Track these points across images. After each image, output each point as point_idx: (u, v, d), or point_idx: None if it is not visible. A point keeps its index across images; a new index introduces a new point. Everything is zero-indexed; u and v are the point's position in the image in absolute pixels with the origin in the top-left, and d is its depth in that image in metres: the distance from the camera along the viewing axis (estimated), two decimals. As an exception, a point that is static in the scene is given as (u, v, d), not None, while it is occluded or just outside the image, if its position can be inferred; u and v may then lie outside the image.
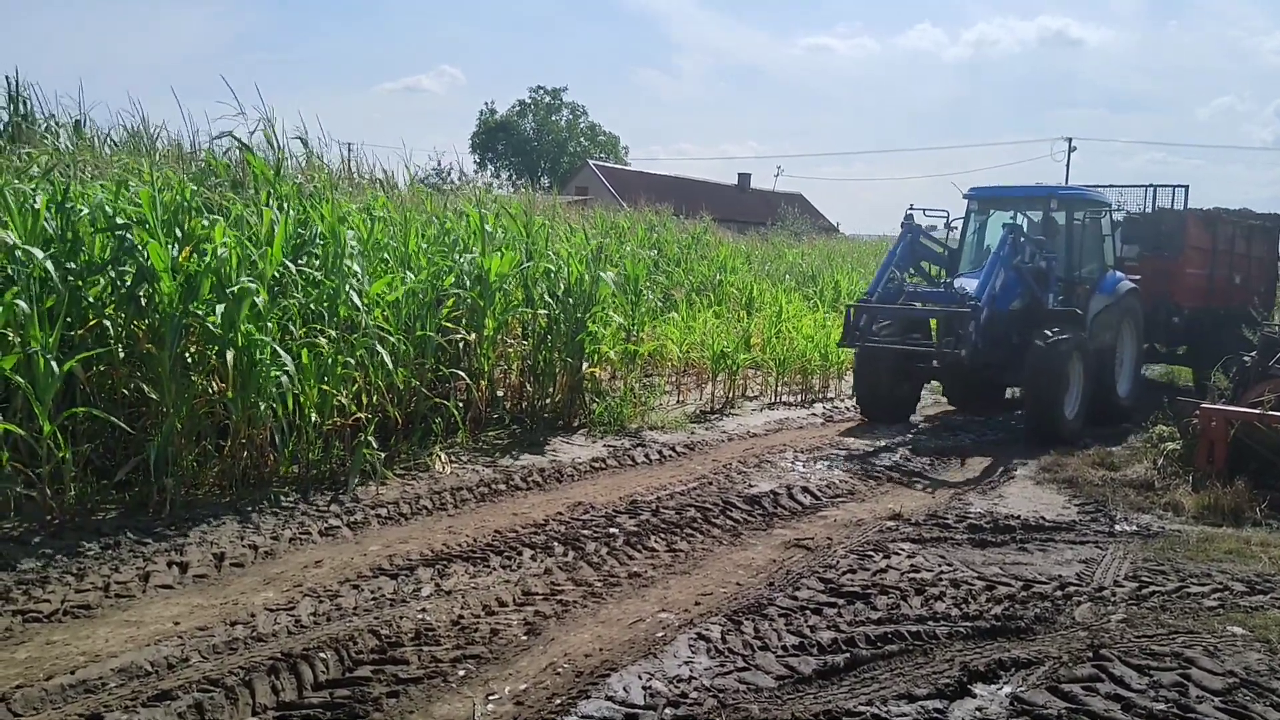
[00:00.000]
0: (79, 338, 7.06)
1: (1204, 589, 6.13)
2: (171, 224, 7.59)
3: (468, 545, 6.63)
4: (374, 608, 5.46)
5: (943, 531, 7.32)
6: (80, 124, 10.59)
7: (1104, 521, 7.81)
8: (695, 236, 22.08)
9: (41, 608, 5.30)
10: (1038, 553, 6.91)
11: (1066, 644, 5.19)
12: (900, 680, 4.72)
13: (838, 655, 4.94)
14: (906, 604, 5.71)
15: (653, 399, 12.11)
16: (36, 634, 5.02)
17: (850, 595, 5.82)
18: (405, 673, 4.65)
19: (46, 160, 8.80)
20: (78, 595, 5.49)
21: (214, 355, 7.46)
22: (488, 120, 74.98)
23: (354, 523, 7.12)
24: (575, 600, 5.68)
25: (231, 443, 7.60)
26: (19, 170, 8.17)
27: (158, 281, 7.18)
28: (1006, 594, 5.94)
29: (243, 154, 9.45)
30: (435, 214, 11.54)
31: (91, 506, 6.84)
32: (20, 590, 5.52)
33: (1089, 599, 5.91)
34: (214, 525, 6.80)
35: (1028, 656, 5.00)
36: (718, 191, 55.19)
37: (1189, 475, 8.81)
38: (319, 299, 8.36)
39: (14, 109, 10.39)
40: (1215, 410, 8.97)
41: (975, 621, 5.45)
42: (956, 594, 5.90)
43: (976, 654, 5.02)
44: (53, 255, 6.94)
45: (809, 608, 5.60)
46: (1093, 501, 8.48)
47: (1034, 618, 5.53)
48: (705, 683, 4.61)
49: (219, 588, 5.79)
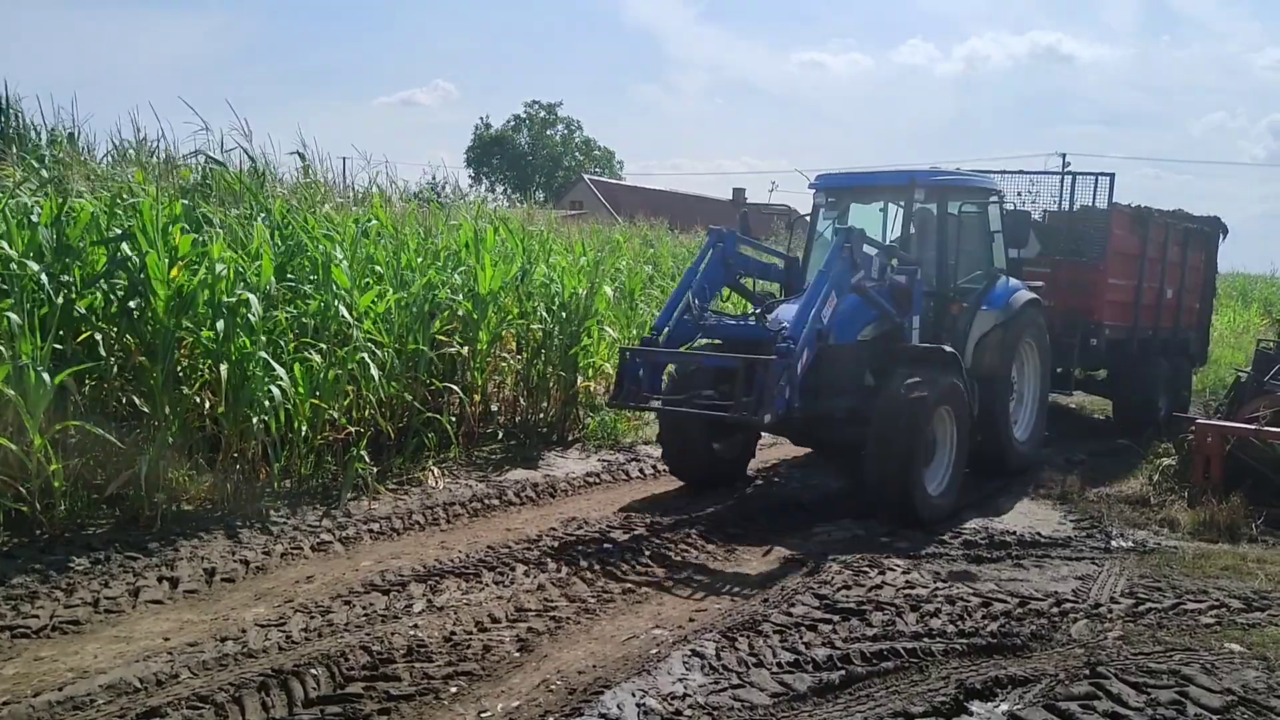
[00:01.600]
0: (71, 350, 7.02)
1: (1201, 606, 6.10)
2: (165, 237, 7.56)
3: (460, 560, 6.59)
4: (366, 623, 5.41)
5: (939, 548, 7.30)
6: (74, 136, 10.57)
7: (1100, 537, 7.78)
8: (691, 250, 22.08)
9: (30, 623, 5.25)
10: (1034, 569, 6.88)
11: (1063, 661, 5.16)
12: (896, 698, 4.68)
13: (833, 673, 4.91)
14: (902, 620, 5.67)
15: (647, 413, 12.07)
16: (25, 649, 4.97)
17: (846, 611, 5.79)
18: (397, 689, 4.61)
19: (44, 173, 8.77)
20: (67, 610, 5.44)
21: (207, 369, 7.43)
22: (483, 134, 75.16)
23: (346, 538, 7.07)
24: (568, 616, 5.64)
25: (223, 457, 7.57)
26: (16, 183, 8.14)
27: (152, 294, 7.16)
28: (1003, 610, 5.91)
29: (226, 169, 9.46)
30: (430, 227, 11.52)
31: (81, 521, 6.79)
32: (9, 605, 5.46)
33: (1085, 616, 5.88)
34: (205, 540, 6.75)
35: (1024, 674, 4.96)
36: (712, 206, 55.27)
37: (1185, 491, 8.79)
38: (310, 312, 8.33)
39: (4, 120, 10.37)
40: (1211, 426, 8.96)
41: (971, 639, 5.42)
42: (952, 610, 5.87)
43: (973, 671, 4.99)
44: (47, 267, 6.91)
45: (804, 624, 5.57)
46: (1089, 517, 8.45)
47: (1030, 635, 5.50)
48: (700, 700, 4.58)
49: (210, 603, 5.74)
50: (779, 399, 7.25)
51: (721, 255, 8.97)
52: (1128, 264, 12.44)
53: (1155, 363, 13.08)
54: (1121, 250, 12.21)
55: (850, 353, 8.42)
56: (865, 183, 10.19)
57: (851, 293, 8.19)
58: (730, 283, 9.42)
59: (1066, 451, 11.25)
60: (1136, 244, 12.48)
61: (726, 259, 9.05)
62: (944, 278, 9.33)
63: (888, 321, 8.64)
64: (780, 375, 7.24)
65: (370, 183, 12.00)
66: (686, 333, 8.47)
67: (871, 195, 10.13)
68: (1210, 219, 14.64)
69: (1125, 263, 12.37)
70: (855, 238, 8.16)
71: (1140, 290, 12.64)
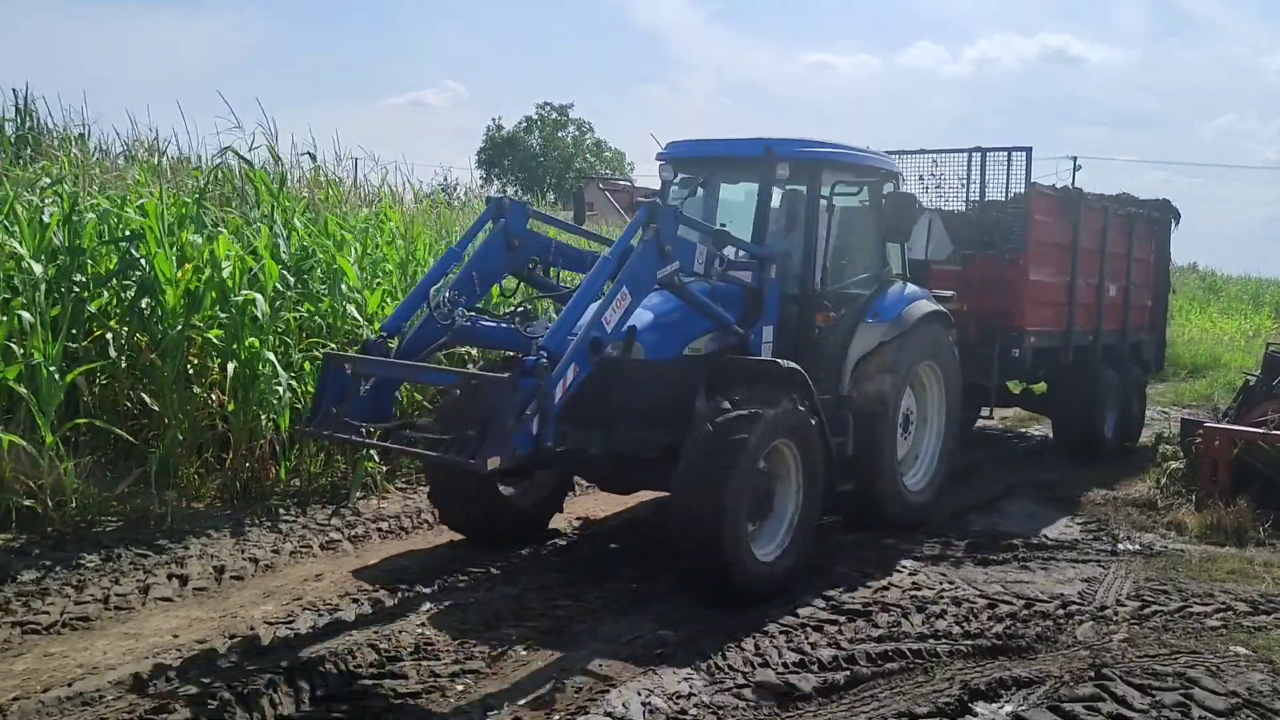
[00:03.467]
0: (82, 349, 7.08)
1: (1207, 609, 6.10)
2: (175, 237, 7.62)
3: (469, 559, 6.62)
4: (374, 622, 5.44)
5: (945, 550, 7.30)
6: (85, 136, 10.66)
7: (1106, 540, 7.78)
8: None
9: (40, 619, 5.29)
10: (1039, 571, 6.88)
11: (1068, 663, 5.17)
12: (901, 699, 4.70)
13: (838, 673, 4.92)
14: (908, 621, 5.68)
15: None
16: (35, 645, 5.01)
17: (852, 612, 5.80)
18: (404, 687, 4.63)
19: (56, 172, 8.84)
20: (77, 607, 5.48)
21: (216, 367, 7.47)
22: (494, 136, 75.28)
23: (355, 536, 7.11)
24: (573, 617, 5.67)
25: (233, 455, 7.61)
26: (29, 182, 8.21)
27: (161, 294, 7.21)
28: (1008, 612, 5.91)
29: (243, 168, 9.50)
30: (444, 227, 11.58)
31: (92, 518, 6.84)
32: (19, 602, 5.51)
33: (1091, 618, 5.88)
34: (214, 538, 6.79)
35: (1029, 676, 4.97)
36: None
37: (1192, 494, 8.77)
38: (321, 312, 8.38)
39: (21, 121, 10.47)
40: (1219, 429, 8.94)
41: (976, 640, 5.43)
42: (958, 612, 5.87)
43: (977, 673, 5.00)
44: (58, 267, 6.97)
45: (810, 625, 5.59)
46: (1095, 520, 8.44)
47: (1036, 636, 5.51)
48: (704, 699, 4.60)
49: (219, 600, 5.78)
50: (519, 434, 4.98)
51: (504, 233, 6.45)
52: (1056, 257, 10.52)
53: (1098, 373, 11.12)
54: (1046, 240, 10.32)
55: (669, 372, 6.37)
56: (719, 152, 7.64)
57: (661, 289, 6.15)
58: (518, 271, 6.77)
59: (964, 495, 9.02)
60: (1066, 232, 10.59)
61: (511, 238, 6.48)
62: (813, 279, 7.20)
63: (732, 334, 6.66)
64: (521, 401, 4.98)
65: (382, 182, 12.08)
66: (431, 336, 6.09)
67: (734, 171, 7.78)
68: (1159, 202, 12.74)
69: (1052, 255, 10.47)
70: (666, 216, 5.94)
71: (1074, 288, 10.71)
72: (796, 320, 7.16)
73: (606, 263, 5.81)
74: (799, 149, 7.15)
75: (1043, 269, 10.27)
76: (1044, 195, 10.44)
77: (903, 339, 7.53)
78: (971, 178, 10.79)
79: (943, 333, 8.13)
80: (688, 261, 6.16)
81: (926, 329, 7.80)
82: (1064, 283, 10.64)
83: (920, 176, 11.03)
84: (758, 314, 6.82)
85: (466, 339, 6.73)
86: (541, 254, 6.82)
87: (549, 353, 5.18)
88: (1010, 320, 10.03)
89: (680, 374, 6.42)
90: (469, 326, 6.29)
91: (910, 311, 7.68)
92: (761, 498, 6.05)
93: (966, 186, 10.78)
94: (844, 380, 7.33)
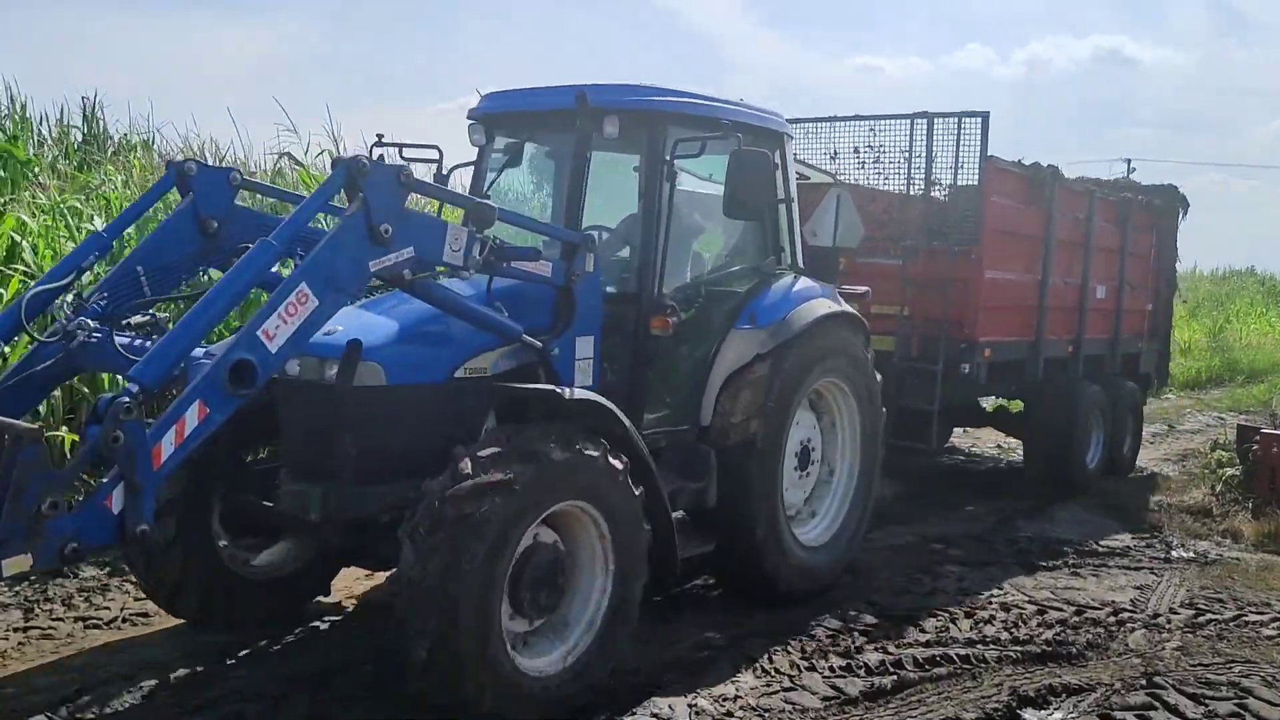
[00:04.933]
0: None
1: (1263, 618, 6.00)
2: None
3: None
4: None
5: (993, 555, 7.23)
6: (149, 142, 10.91)
7: (1160, 547, 7.66)
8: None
9: (101, 614, 5.43)
10: (1090, 578, 6.80)
11: (1119, 671, 5.11)
12: (948, 704, 4.67)
13: (885, 677, 4.90)
14: (955, 627, 5.65)
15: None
16: (96, 639, 5.13)
17: (898, 618, 5.77)
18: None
19: (121, 179, 9.06)
20: (136, 603, 5.61)
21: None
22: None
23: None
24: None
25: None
26: (93, 189, 8.43)
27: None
28: (1058, 619, 5.85)
29: (299, 172, 9.66)
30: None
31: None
32: (81, 597, 5.66)
33: (1143, 626, 5.81)
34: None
35: (1079, 683, 4.93)
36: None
37: (1249, 502, 8.63)
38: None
39: (88, 128, 10.75)
40: (1277, 436, 8.78)
41: (1026, 646, 5.39)
42: (1007, 618, 5.83)
43: (1026, 679, 4.96)
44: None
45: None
46: (1148, 527, 8.32)
47: (1086, 644, 5.45)
48: (751, 702, 4.60)
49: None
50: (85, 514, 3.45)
51: (193, 211, 4.89)
52: (1021, 250, 8.79)
53: (1078, 390, 9.39)
54: (1007, 229, 8.54)
55: (432, 402, 4.60)
56: (531, 105, 5.77)
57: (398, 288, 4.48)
58: (224, 263, 4.88)
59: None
60: (1035, 220, 8.84)
61: (205, 218, 4.90)
62: (652, 271, 5.40)
63: (530, 350, 4.78)
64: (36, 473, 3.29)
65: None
66: (44, 358, 4.49)
67: (553, 133, 6.04)
68: (1163, 188, 11.03)
69: (1016, 248, 8.72)
70: (378, 181, 4.12)
71: (1045, 288, 9.01)
72: (636, 329, 5.38)
73: (266, 248, 4.00)
74: (629, 98, 5.39)
75: (1002, 265, 8.52)
76: (1004, 172, 8.48)
77: (788, 349, 5.65)
78: (915, 150, 8.63)
79: (851, 340, 6.20)
80: (431, 247, 4.35)
81: (826, 336, 5.93)
82: (1032, 282, 8.94)
83: (856, 149, 9.05)
84: (567, 319, 4.97)
85: (95, 362, 4.72)
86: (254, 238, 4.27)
87: (142, 386, 3.53)
88: (960, 329, 8.36)
89: (451, 404, 4.64)
90: (96, 344, 4.45)
91: (800, 314, 5.77)
92: (544, 581, 4.27)
93: (909, 161, 8.67)
94: (703, 407, 5.64)
